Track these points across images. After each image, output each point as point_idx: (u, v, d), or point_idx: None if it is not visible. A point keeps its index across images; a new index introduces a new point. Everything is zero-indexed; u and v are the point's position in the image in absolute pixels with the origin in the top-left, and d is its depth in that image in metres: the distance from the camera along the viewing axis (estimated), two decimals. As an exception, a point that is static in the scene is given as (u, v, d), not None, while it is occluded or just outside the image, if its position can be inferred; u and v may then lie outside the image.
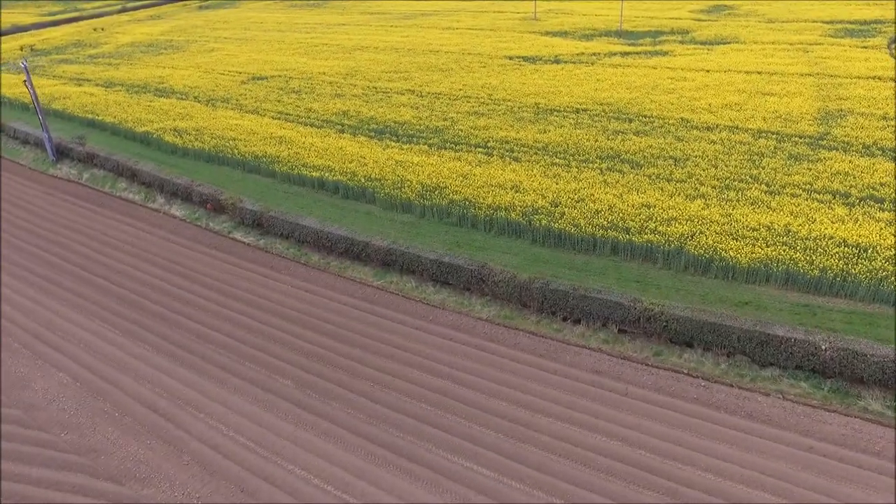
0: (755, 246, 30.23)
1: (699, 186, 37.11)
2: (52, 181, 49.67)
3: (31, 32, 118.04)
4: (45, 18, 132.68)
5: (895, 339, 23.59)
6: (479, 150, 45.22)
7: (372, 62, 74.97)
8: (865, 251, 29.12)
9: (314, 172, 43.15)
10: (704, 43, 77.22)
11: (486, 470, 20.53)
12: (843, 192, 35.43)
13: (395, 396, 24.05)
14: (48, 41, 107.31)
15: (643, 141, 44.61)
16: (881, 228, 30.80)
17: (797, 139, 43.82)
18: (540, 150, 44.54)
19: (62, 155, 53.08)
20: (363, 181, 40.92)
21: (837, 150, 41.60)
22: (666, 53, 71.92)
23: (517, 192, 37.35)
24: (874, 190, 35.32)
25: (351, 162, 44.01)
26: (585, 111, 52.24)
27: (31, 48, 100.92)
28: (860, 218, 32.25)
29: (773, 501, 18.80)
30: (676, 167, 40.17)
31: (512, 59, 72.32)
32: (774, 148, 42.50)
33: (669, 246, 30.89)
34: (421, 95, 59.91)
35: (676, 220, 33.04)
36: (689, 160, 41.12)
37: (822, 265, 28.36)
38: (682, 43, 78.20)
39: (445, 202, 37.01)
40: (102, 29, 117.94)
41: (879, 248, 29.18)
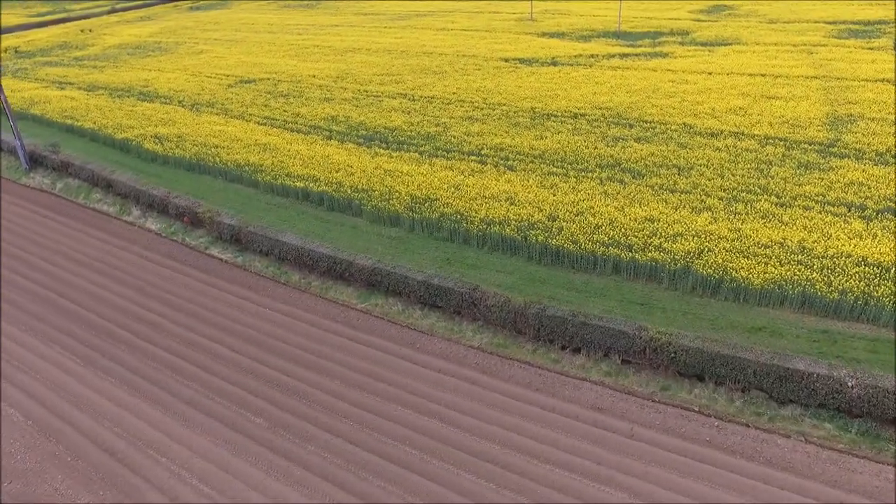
0: (768, 265, 28.06)
1: (705, 198, 34.95)
2: (23, 191, 47.34)
3: (16, 34, 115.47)
4: (32, 20, 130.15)
5: (926, 372, 21.44)
6: (472, 158, 43.01)
7: (364, 65, 72.79)
8: (888, 271, 26.96)
9: (298, 182, 40.91)
10: (705, 44, 75.26)
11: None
12: (858, 203, 33.29)
13: (376, 438, 21.83)
14: (33, 43, 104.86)
15: (644, 148, 42.46)
16: (903, 245, 28.67)
17: (806, 146, 41.71)
18: (536, 157, 42.36)
19: (36, 163, 50.74)
20: (349, 192, 38.69)
21: (849, 157, 39.48)
22: (666, 55, 69.89)
23: (512, 204, 35.15)
24: (891, 202, 33.18)
25: (337, 171, 41.78)
26: (584, 116, 50.09)
27: (15, 50, 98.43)
28: (879, 233, 30.11)
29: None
30: (680, 176, 38.02)
31: (508, 61, 70.23)
32: (783, 155, 40.39)
33: (675, 265, 28.71)
34: (413, 99, 57.74)
35: (682, 235, 30.86)
36: (693, 169, 38.98)
37: (841, 287, 26.20)
38: (682, 44, 76.23)
39: (436, 215, 34.80)
40: (90, 30, 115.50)
41: (902, 267, 27.03)
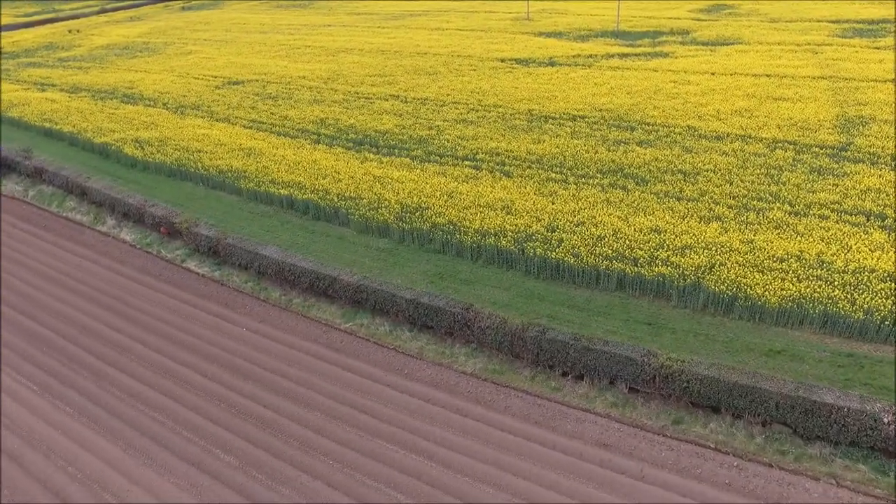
0: (785, 280, 25.97)
1: (714, 206, 32.87)
2: (-7, 199, 45.06)
3: (2, 35, 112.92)
4: (19, 20, 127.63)
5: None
6: (466, 163, 40.88)
7: (356, 65, 70.71)
8: (915, 288, 24.87)
9: (283, 190, 38.72)
10: (706, 44, 73.49)
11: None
12: (877, 212, 31.23)
13: (358, 480, 19.65)
14: (18, 43, 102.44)
15: (648, 152, 40.39)
16: (929, 258, 26.59)
17: (817, 150, 39.70)
18: (534, 163, 40.24)
19: (9, 169, 48.42)
20: (336, 200, 36.51)
21: (864, 162, 37.45)
22: (667, 55, 68.00)
23: (508, 213, 33.00)
24: (913, 210, 31.12)
25: (324, 178, 39.60)
26: (583, 118, 48.03)
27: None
28: (902, 245, 28.02)
29: None
30: (686, 183, 35.94)
31: (504, 61, 68.21)
32: (793, 160, 38.37)
33: (684, 280, 26.58)
34: (405, 101, 55.63)
35: (691, 248, 28.75)
36: (699, 175, 36.92)
37: (866, 305, 24.10)
38: (682, 44, 74.44)
39: (427, 226, 32.64)
40: (78, 30, 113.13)
41: (930, 283, 24.96)
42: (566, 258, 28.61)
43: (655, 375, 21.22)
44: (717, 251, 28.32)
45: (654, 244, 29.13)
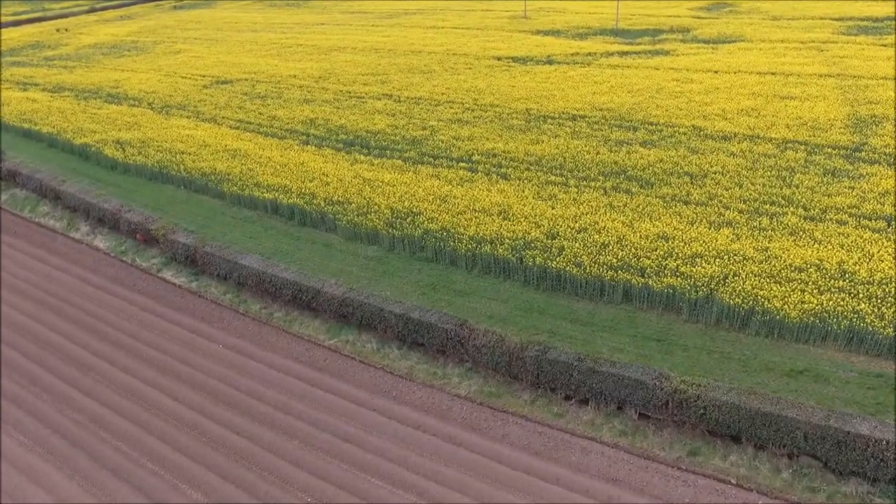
0: (805, 292, 24.01)
1: (724, 211, 30.93)
2: (-37, 204, 42.89)
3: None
4: (7, 18, 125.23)
5: None
6: (461, 164, 38.89)
7: (348, 64, 68.77)
8: (947, 300, 22.94)
9: (268, 194, 36.67)
10: (708, 41, 71.88)
11: None
12: (899, 217, 29.31)
13: (339, 522, 17.64)
14: (5, 42, 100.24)
15: (652, 153, 38.46)
16: (959, 268, 24.66)
17: (830, 150, 37.83)
18: (532, 164, 38.26)
19: (-18, 172, 46.27)
20: (323, 205, 34.47)
21: (880, 163, 35.58)
22: (668, 53, 66.26)
23: (505, 219, 31.00)
24: (936, 215, 29.23)
25: (311, 180, 37.56)
26: (583, 118, 46.14)
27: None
28: (929, 253, 26.11)
29: None
30: (694, 186, 34.02)
31: (501, 59, 66.33)
32: (805, 161, 36.49)
33: (696, 293, 24.59)
34: (399, 100, 53.65)
35: (702, 257, 26.77)
36: (707, 177, 35.01)
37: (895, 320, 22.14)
38: (683, 42, 72.79)
39: (419, 232, 30.62)
40: (66, 29, 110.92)
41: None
42: (568, 268, 26.62)
43: (668, 401, 19.22)
44: (729, 260, 26.36)
45: (661, 252, 27.16)
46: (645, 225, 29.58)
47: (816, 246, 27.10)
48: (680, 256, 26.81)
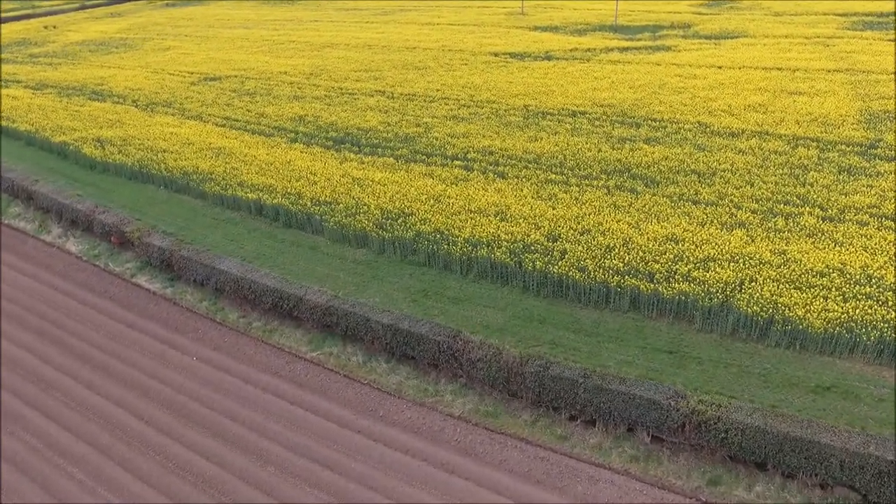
0: (829, 299, 22.12)
1: (735, 211, 29.04)
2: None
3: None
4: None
5: None
6: (456, 163, 36.95)
7: (341, 60, 66.81)
8: (984, 308, 21.07)
9: (251, 194, 34.67)
10: (710, 37, 70.20)
11: None
12: (923, 218, 27.45)
13: (315, 562, 15.68)
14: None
15: (656, 151, 36.58)
16: None
17: (844, 147, 36.01)
18: (531, 162, 36.34)
19: (-47, 172, 44.10)
20: (310, 205, 32.49)
21: (898, 161, 33.72)
22: (669, 48, 64.54)
23: (503, 220, 29.05)
24: (963, 215, 27.37)
25: (298, 180, 35.58)
26: (583, 114, 44.26)
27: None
28: (959, 256, 24.24)
29: None
30: (702, 184, 32.13)
31: (497, 55, 64.46)
32: (818, 158, 34.66)
33: (710, 300, 22.67)
34: (392, 97, 51.70)
35: (715, 260, 24.85)
36: (715, 175, 33.15)
37: (929, 331, 20.26)
38: (684, 37, 71.06)
39: (411, 234, 28.65)
40: (54, 27, 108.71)
41: None
42: (570, 273, 24.66)
43: (685, 423, 17.28)
44: (744, 264, 24.45)
45: (671, 256, 25.23)
46: (652, 226, 27.66)
47: (838, 249, 25.22)
48: (691, 260, 24.89)
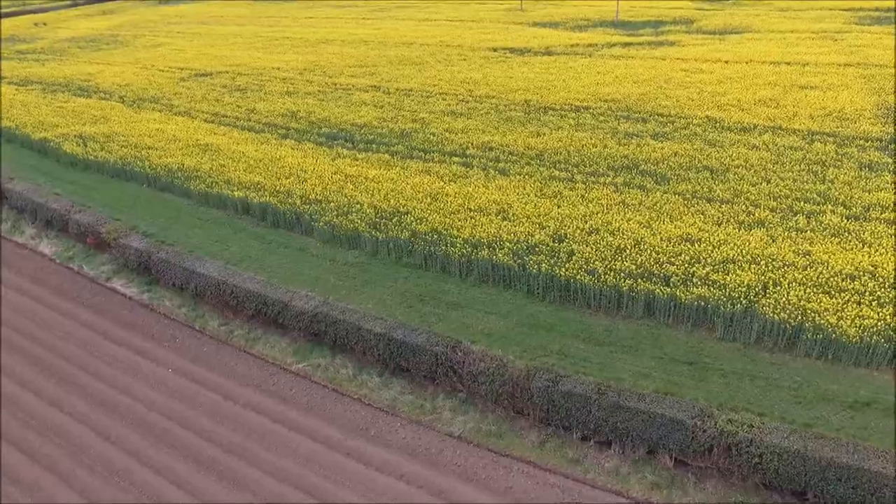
0: (862, 304, 20.29)
1: (753, 209, 27.20)
2: None
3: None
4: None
5: None
6: (454, 159, 35.09)
7: (335, 56, 64.98)
8: None
9: (238, 192, 32.75)
10: (713, 32, 68.63)
11: None
12: (955, 216, 25.64)
13: None
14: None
15: (665, 146, 34.78)
16: None
17: (863, 142, 34.26)
18: (533, 158, 34.48)
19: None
20: (299, 204, 30.58)
21: (921, 156, 31.94)
22: (673, 44, 62.89)
23: (505, 219, 27.16)
24: None
25: (288, 177, 33.67)
26: (587, 109, 42.46)
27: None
28: None
29: None
30: (715, 181, 30.32)
31: (496, 50, 62.67)
32: (836, 154, 32.89)
33: (732, 305, 20.81)
34: (388, 92, 49.83)
35: (734, 262, 23.00)
36: (729, 171, 31.36)
37: (975, 339, 18.44)
38: (687, 33, 69.51)
39: (407, 234, 26.76)
40: (44, 24, 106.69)
41: None
42: (579, 276, 22.79)
43: (713, 445, 15.40)
44: (767, 266, 22.59)
45: (687, 257, 23.36)
46: (665, 225, 25.80)
47: (867, 249, 23.39)
48: (709, 262, 23.02)
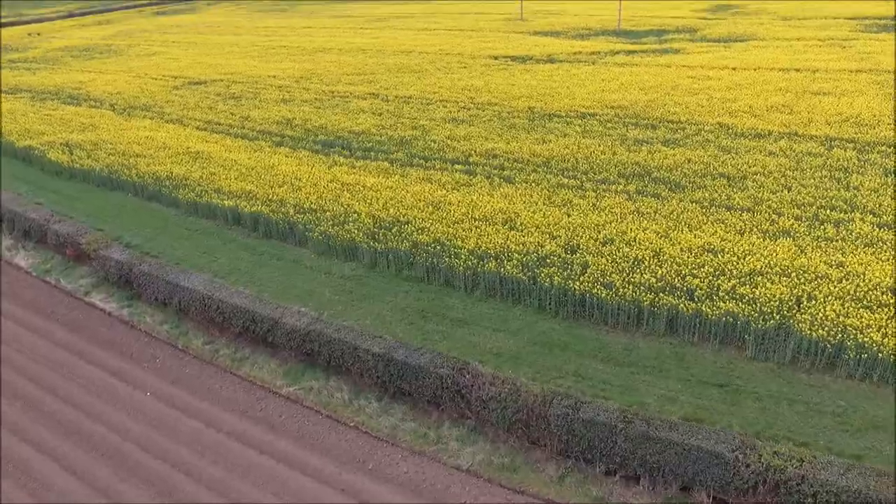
0: (906, 321, 18.50)
1: (776, 218, 25.55)
2: None
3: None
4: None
5: None
6: (457, 166, 33.46)
7: (333, 64, 63.63)
8: None
9: (228, 201, 31.03)
10: (718, 40, 67.50)
11: None
12: None
13: None
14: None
15: (678, 153, 33.23)
16: None
17: (884, 148, 32.77)
18: (539, 166, 32.87)
19: None
20: (293, 213, 28.85)
21: (948, 162, 30.36)
22: (678, 51, 61.67)
23: (512, 229, 25.43)
24: None
25: (281, 185, 31.99)
26: (593, 116, 40.98)
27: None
28: None
29: None
30: (733, 188, 28.71)
31: (498, 58, 61.36)
32: (858, 160, 31.38)
33: (764, 322, 19.03)
34: (386, 100, 48.35)
35: (763, 274, 21.26)
36: (746, 178, 29.77)
37: None
38: (692, 41, 68.32)
39: (407, 245, 25.00)
40: (38, 34, 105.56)
41: None
42: (594, 290, 21.01)
43: (758, 482, 13.56)
44: (799, 278, 20.85)
45: (711, 269, 21.62)
46: (685, 235, 24.08)
47: (905, 261, 21.68)
48: (735, 274, 21.29)
